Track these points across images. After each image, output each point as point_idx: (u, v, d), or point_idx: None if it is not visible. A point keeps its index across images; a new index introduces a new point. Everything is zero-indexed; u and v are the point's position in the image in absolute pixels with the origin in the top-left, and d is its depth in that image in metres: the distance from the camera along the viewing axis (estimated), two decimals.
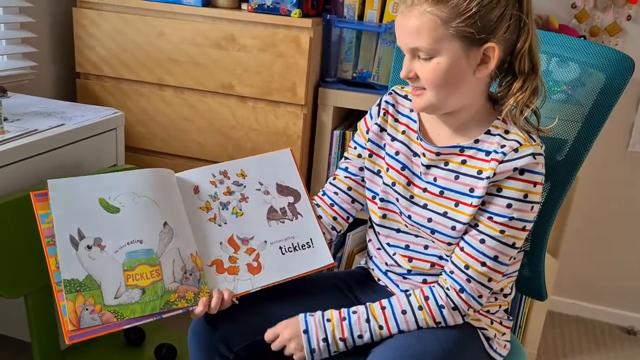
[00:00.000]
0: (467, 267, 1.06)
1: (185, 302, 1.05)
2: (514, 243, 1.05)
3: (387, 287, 1.23)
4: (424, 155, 1.12)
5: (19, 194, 1.22)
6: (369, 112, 1.23)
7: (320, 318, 1.09)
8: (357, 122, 1.28)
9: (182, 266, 1.06)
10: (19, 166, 1.32)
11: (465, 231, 1.07)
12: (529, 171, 1.01)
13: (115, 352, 1.42)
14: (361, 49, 1.91)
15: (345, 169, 1.25)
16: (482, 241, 1.04)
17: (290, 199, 1.21)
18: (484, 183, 1.03)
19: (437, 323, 1.07)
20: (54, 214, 1.01)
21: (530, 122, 1.05)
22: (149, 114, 1.99)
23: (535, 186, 1.02)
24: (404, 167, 1.15)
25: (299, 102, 1.84)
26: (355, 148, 1.24)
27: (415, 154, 1.14)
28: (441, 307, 1.07)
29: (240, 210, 1.17)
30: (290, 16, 1.78)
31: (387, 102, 1.19)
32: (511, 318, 1.23)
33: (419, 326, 1.07)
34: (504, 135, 1.04)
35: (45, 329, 1.29)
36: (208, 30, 1.85)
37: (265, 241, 1.16)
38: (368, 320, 1.08)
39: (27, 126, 1.43)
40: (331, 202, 1.26)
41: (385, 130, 1.19)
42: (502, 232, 1.03)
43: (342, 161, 1.27)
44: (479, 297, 1.07)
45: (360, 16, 1.87)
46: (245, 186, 1.19)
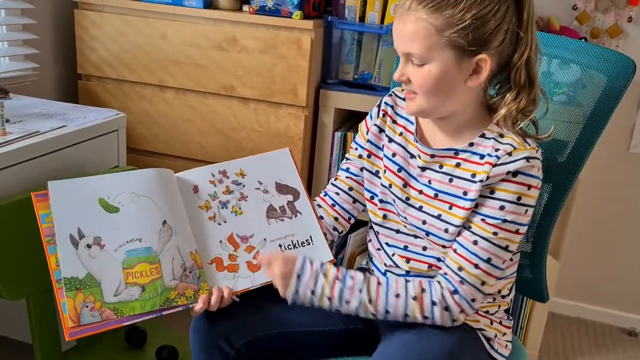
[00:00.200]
0: (461, 269, 1.05)
1: (185, 300, 1.06)
2: (507, 246, 1.04)
3: None
4: (419, 157, 1.12)
5: (20, 195, 1.23)
6: (370, 113, 1.24)
7: (317, 269, 1.08)
8: (358, 123, 1.28)
9: (181, 264, 1.07)
10: (20, 168, 1.33)
11: (459, 233, 1.07)
12: (523, 174, 1.01)
13: (117, 353, 1.42)
14: (362, 51, 1.91)
15: (347, 170, 1.26)
16: (474, 243, 1.04)
17: (290, 197, 1.21)
18: (477, 186, 1.03)
19: (424, 317, 1.06)
20: (54, 214, 1.03)
21: (525, 130, 1.04)
22: (151, 116, 2.00)
23: (529, 189, 1.01)
24: (401, 168, 1.15)
25: (300, 104, 1.85)
26: (356, 149, 1.24)
27: (412, 156, 1.14)
28: (434, 303, 1.05)
29: (240, 209, 1.17)
30: (291, 18, 1.79)
31: (387, 104, 1.20)
32: (511, 318, 1.22)
33: (406, 314, 1.06)
34: (498, 139, 1.04)
35: (46, 331, 1.29)
36: (209, 32, 1.85)
37: (265, 239, 1.16)
38: (361, 290, 1.06)
39: (28, 128, 1.44)
40: (333, 203, 1.26)
41: (384, 131, 1.19)
42: (495, 234, 1.03)
43: (344, 162, 1.27)
44: (472, 300, 1.06)
45: (362, 18, 1.87)
46: (244, 185, 1.19)
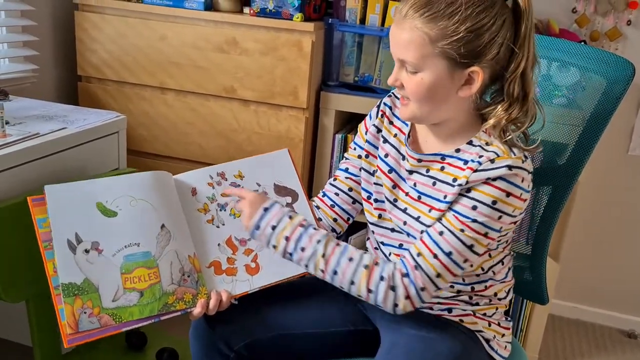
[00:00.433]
0: (419, 254, 1.04)
1: (183, 304, 1.05)
2: (473, 245, 1.02)
3: None
4: (407, 161, 1.13)
5: (20, 197, 1.22)
6: (369, 113, 1.24)
7: (285, 212, 1.09)
8: (359, 125, 1.28)
9: (180, 268, 1.07)
10: (20, 170, 1.33)
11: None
12: (504, 180, 0.99)
13: (117, 356, 1.42)
14: (363, 53, 1.91)
15: (346, 170, 1.25)
16: (440, 233, 1.03)
17: (288, 199, 1.21)
18: (455, 189, 1.02)
19: (369, 290, 1.04)
20: (51, 219, 1.02)
21: (514, 141, 1.02)
22: (151, 117, 2.00)
23: (508, 196, 0.99)
24: (391, 169, 1.15)
25: (301, 106, 1.85)
26: (355, 149, 1.24)
27: (403, 158, 1.14)
28: (382, 278, 1.04)
29: (238, 211, 1.17)
30: (292, 20, 1.79)
31: (386, 104, 1.20)
32: (509, 319, 1.22)
33: (352, 280, 1.05)
34: (484, 147, 1.03)
35: (46, 333, 1.29)
36: (210, 33, 1.85)
37: None
38: (319, 242, 1.06)
39: (29, 130, 1.44)
40: (332, 204, 1.26)
41: (381, 131, 1.19)
42: (462, 230, 1.02)
43: (343, 161, 1.27)
44: (422, 289, 1.03)
45: (362, 20, 1.87)
46: (243, 187, 1.19)
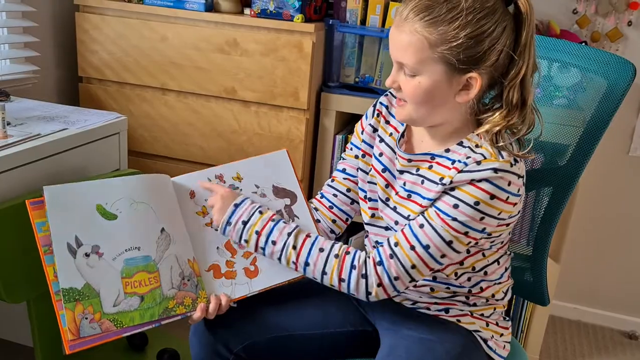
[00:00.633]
0: (397, 244, 1.04)
1: (183, 308, 1.05)
2: (451, 242, 1.01)
3: None
4: (398, 160, 1.13)
5: (21, 198, 1.22)
6: (365, 113, 1.24)
7: (255, 206, 1.11)
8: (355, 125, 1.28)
9: (179, 272, 1.07)
10: (22, 171, 1.32)
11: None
12: (488, 182, 0.98)
13: (118, 356, 1.42)
14: (363, 54, 1.91)
15: (343, 170, 1.25)
16: (421, 226, 1.03)
17: (287, 201, 1.21)
18: (439, 188, 1.02)
19: (340, 280, 1.05)
20: (51, 222, 1.00)
21: (505, 145, 1.01)
22: (152, 119, 2.00)
23: (492, 199, 0.99)
24: (385, 169, 1.15)
25: (302, 107, 1.85)
26: (352, 149, 1.24)
27: (397, 157, 1.14)
28: (353, 267, 1.04)
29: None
30: (292, 21, 1.79)
31: (382, 104, 1.20)
32: (508, 319, 1.22)
33: (324, 270, 1.06)
34: (473, 148, 1.03)
35: (47, 334, 1.29)
36: (211, 35, 1.86)
37: None
38: (289, 234, 1.08)
39: (30, 130, 1.44)
40: (330, 205, 1.26)
41: (377, 130, 1.19)
42: (442, 226, 1.01)
43: (340, 162, 1.27)
44: (395, 278, 1.03)
45: (363, 21, 1.88)
46: (241, 189, 1.19)
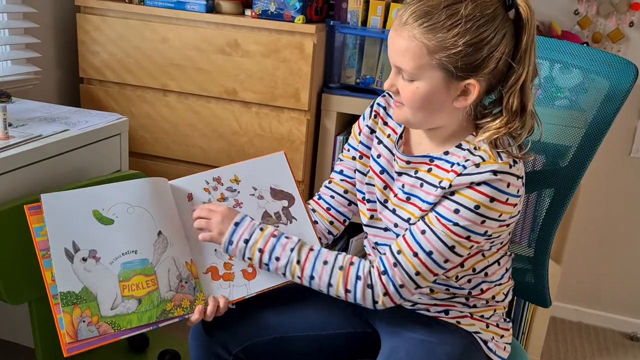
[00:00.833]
0: (400, 252, 1.04)
1: (181, 311, 1.06)
2: (454, 247, 1.01)
3: None
4: (397, 162, 1.12)
5: (22, 200, 1.22)
6: (363, 114, 1.24)
7: (256, 224, 1.10)
8: (352, 127, 1.28)
9: (177, 275, 1.07)
10: (23, 172, 1.33)
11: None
12: (488, 185, 0.98)
13: (119, 358, 1.42)
14: (364, 55, 1.91)
15: (341, 172, 1.25)
16: (422, 232, 1.03)
17: (285, 202, 1.21)
18: (438, 192, 1.02)
19: (347, 291, 1.05)
20: (48, 228, 1.03)
21: (507, 149, 1.01)
22: (153, 120, 2.00)
23: (492, 202, 0.99)
24: (383, 170, 1.15)
25: (303, 108, 1.85)
26: (349, 150, 1.24)
27: (395, 159, 1.14)
28: (358, 277, 1.05)
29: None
30: (293, 22, 1.79)
31: (379, 105, 1.20)
32: (508, 320, 1.22)
33: (330, 283, 1.06)
34: (472, 151, 1.02)
35: (48, 335, 1.28)
36: (212, 36, 1.86)
37: None
38: (292, 250, 1.07)
39: (31, 132, 1.44)
40: (327, 206, 1.26)
41: (375, 132, 1.19)
42: (443, 231, 1.01)
43: (337, 163, 1.27)
44: (400, 286, 1.03)
45: (364, 22, 1.88)
46: (239, 192, 1.19)
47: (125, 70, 1.97)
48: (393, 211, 1.12)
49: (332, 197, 1.26)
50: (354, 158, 1.22)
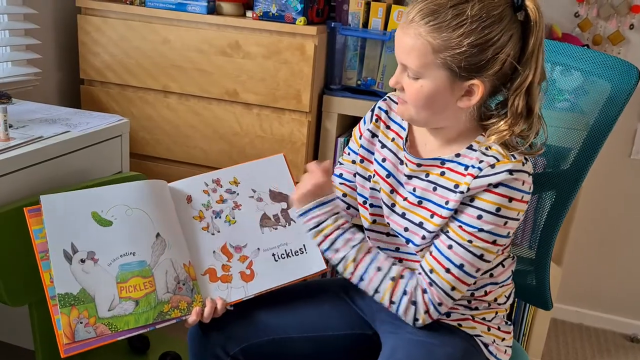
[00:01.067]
0: (432, 271, 1.05)
1: (178, 312, 1.06)
2: (482, 255, 1.03)
3: None
4: (406, 165, 1.12)
5: (23, 201, 1.22)
6: (363, 118, 1.23)
7: (335, 212, 1.11)
8: (353, 130, 1.28)
9: (175, 276, 1.08)
10: (24, 173, 1.32)
11: (437, 236, 1.06)
12: (505, 186, 0.99)
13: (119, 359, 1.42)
14: (365, 57, 1.91)
15: (340, 175, 1.25)
16: (449, 247, 1.03)
17: (284, 205, 1.21)
18: (458, 196, 1.02)
19: (391, 302, 1.06)
20: (48, 230, 1.03)
21: (514, 145, 1.02)
22: (154, 121, 2.00)
23: (510, 202, 0.99)
24: (389, 174, 1.15)
25: (304, 110, 1.85)
26: (349, 154, 1.24)
27: (401, 162, 1.14)
28: (405, 292, 1.06)
29: (233, 218, 1.17)
30: (295, 24, 1.79)
31: (380, 109, 1.20)
32: (509, 323, 1.22)
33: (377, 290, 1.07)
34: (484, 151, 1.02)
35: (48, 337, 1.28)
36: (213, 37, 1.85)
37: (258, 248, 1.16)
38: (353, 247, 1.08)
39: (32, 133, 1.44)
40: None
41: (377, 136, 1.19)
42: (470, 241, 1.02)
43: (337, 167, 1.27)
44: (439, 304, 1.05)
45: (365, 24, 1.88)
46: (238, 194, 1.19)
47: (126, 72, 1.97)
48: (402, 215, 1.12)
49: None
50: (354, 162, 1.22)
